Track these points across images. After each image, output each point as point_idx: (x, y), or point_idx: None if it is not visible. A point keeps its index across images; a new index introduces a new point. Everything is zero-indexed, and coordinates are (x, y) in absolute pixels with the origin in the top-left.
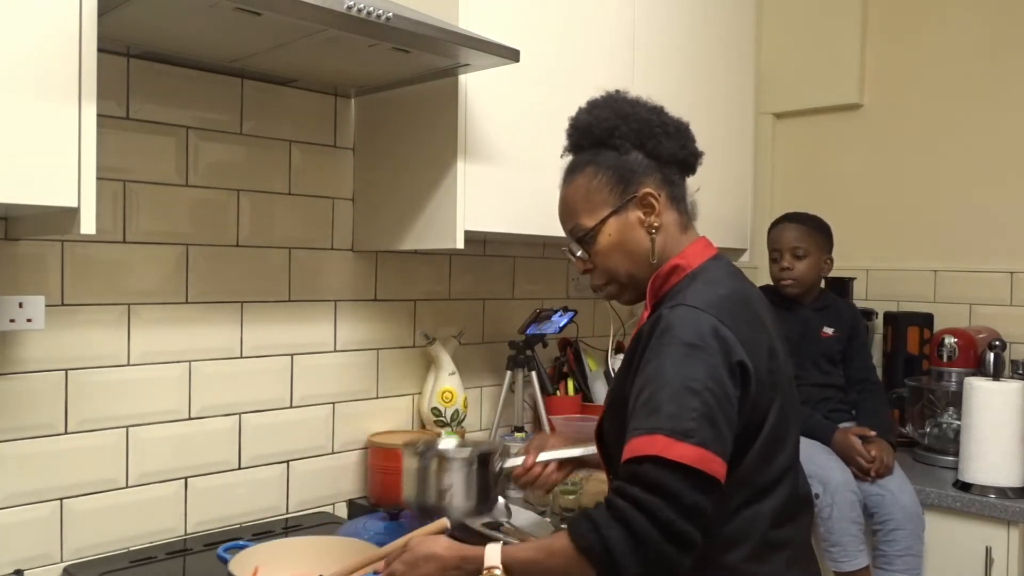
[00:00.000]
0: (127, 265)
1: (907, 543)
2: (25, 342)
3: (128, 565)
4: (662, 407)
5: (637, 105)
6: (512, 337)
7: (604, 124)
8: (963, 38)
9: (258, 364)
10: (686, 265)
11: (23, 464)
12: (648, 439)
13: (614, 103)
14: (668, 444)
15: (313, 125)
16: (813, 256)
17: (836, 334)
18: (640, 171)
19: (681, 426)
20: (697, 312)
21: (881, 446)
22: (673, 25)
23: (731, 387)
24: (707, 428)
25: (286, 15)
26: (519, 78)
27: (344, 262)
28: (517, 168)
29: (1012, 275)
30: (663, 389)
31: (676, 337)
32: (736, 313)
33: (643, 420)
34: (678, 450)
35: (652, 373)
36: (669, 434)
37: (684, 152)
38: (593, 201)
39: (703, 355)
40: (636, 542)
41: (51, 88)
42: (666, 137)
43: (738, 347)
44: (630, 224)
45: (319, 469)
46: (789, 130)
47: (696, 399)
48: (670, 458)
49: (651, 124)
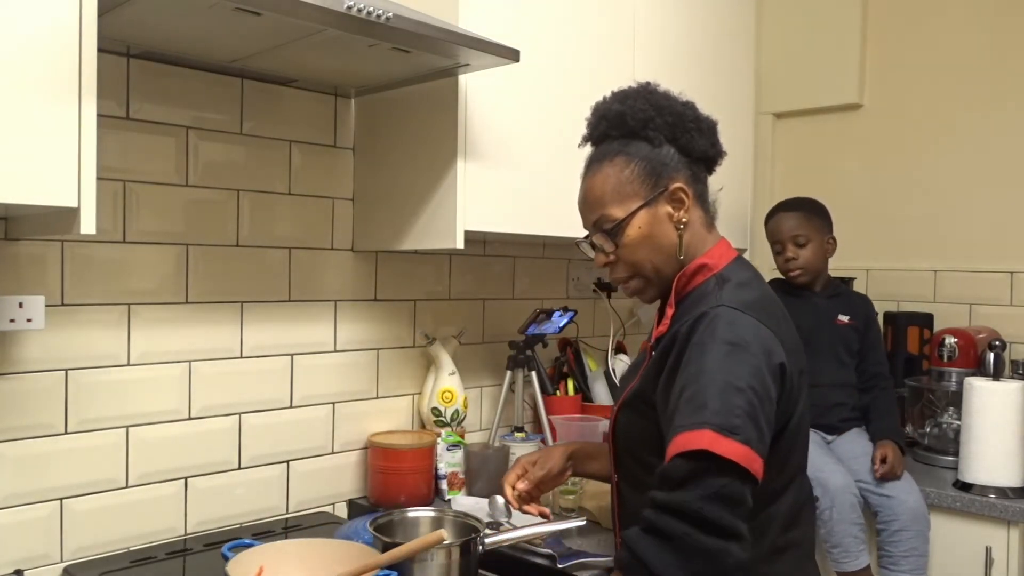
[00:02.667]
0: (127, 265)
1: (912, 544)
2: (25, 342)
3: (128, 565)
4: (708, 403)
5: (671, 99)
6: (512, 337)
7: (640, 115)
8: (963, 38)
9: (258, 364)
10: (713, 265)
11: (23, 464)
12: (695, 434)
13: (649, 95)
14: (715, 439)
15: (313, 125)
16: (815, 241)
17: (852, 322)
18: (672, 165)
19: (728, 422)
20: (738, 313)
21: (892, 450)
22: (673, 25)
23: (773, 388)
24: (751, 427)
25: (286, 15)
26: (519, 78)
27: (344, 262)
28: (517, 168)
29: (1012, 275)
30: (709, 386)
31: (719, 337)
32: (772, 314)
33: (688, 416)
34: (725, 446)
35: (695, 371)
36: (716, 429)
37: (713, 150)
38: (624, 192)
39: (746, 355)
40: (668, 543)
41: (51, 88)
42: (699, 133)
43: (779, 348)
44: (659, 218)
45: (319, 469)
46: (789, 130)
47: (741, 397)
48: (718, 453)
49: (685, 119)
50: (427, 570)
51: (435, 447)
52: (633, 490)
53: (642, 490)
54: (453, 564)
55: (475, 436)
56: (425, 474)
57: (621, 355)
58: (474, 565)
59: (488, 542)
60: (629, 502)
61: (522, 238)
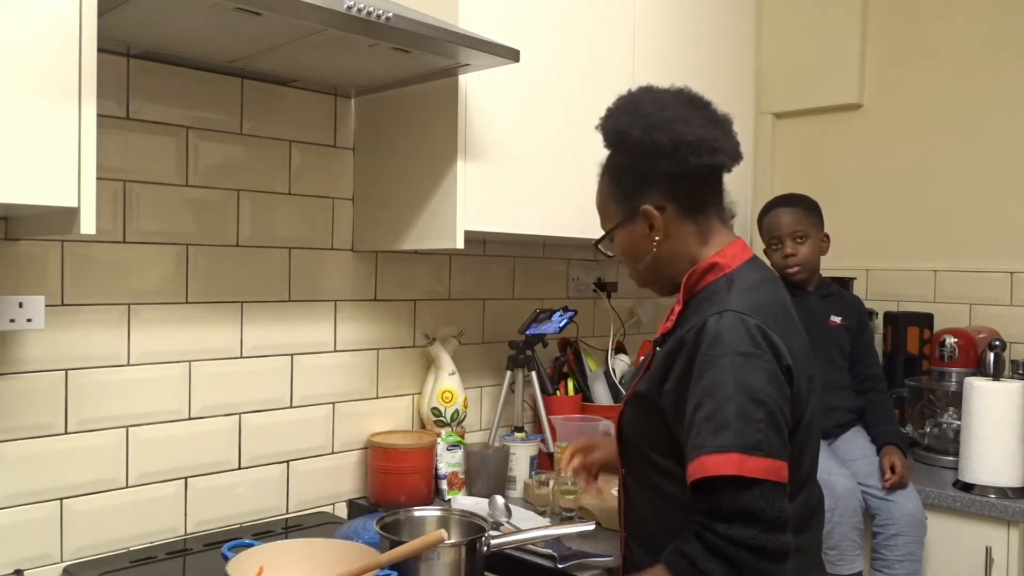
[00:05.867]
0: (127, 265)
1: (908, 548)
2: (25, 342)
3: (128, 565)
4: (731, 423)
5: (663, 107)
6: (512, 337)
7: (620, 128)
8: (963, 38)
9: (258, 364)
10: (724, 264)
11: (23, 464)
12: (722, 458)
13: (635, 105)
14: (742, 461)
15: (313, 125)
16: (812, 238)
17: (844, 323)
18: (648, 181)
19: (751, 440)
20: (743, 317)
21: (899, 459)
22: (673, 25)
23: (786, 389)
24: (774, 437)
25: (286, 15)
26: (519, 78)
27: (344, 262)
28: (517, 168)
29: (1012, 275)
30: (728, 403)
31: (729, 347)
32: (779, 318)
33: (710, 438)
34: (752, 465)
35: (711, 386)
36: (741, 450)
37: (687, 167)
38: (607, 209)
39: (759, 362)
40: (734, 571)
41: (51, 88)
42: (665, 158)
43: (785, 351)
44: (636, 235)
45: (319, 469)
46: (789, 130)
47: (761, 409)
48: (747, 476)
49: (657, 143)
50: (433, 569)
51: (435, 447)
52: (638, 485)
53: (647, 486)
54: (459, 563)
55: (475, 436)
56: (425, 474)
57: (621, 355)
58: (480, 564)
59: (494, 543)
60: (635, 497)
61: (522, 238)
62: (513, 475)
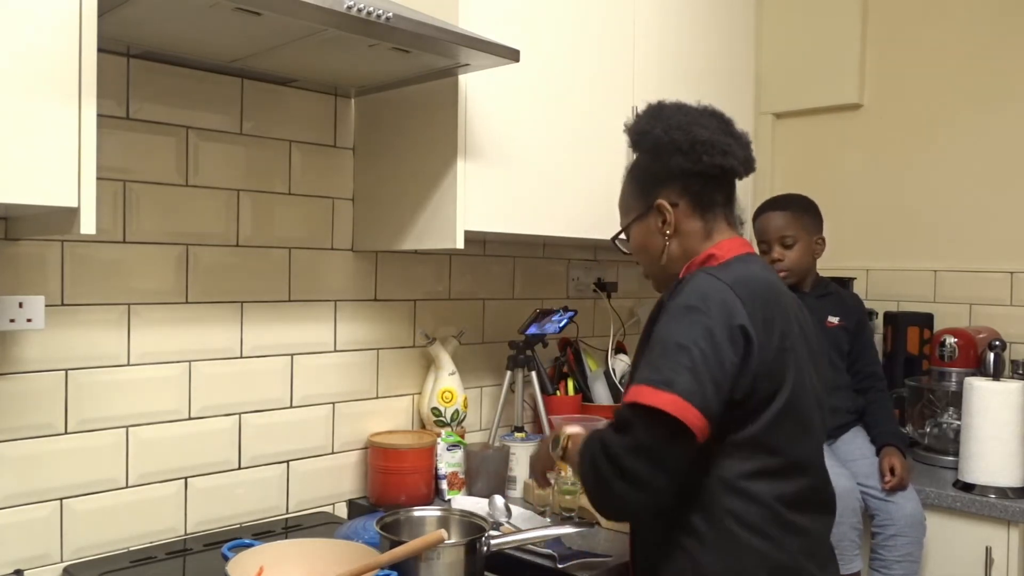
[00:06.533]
0: (127, 265)
1: (907, 549)
2: (25, 342)
3: (128, 565)
4: (653, 362)
5: (686, 113)
6: (512, 337)
7: (639, 127)
8: (963, 38)
9: (258, 364)
10: (720, 255)
11: (23, 464)
12: (635, 389)
13: (660, 110)
14: (647, 392)
15: (313, 125)
16: (803, 241)
17: (842, 324)
18: (664, 179)
19: (663, 376)
20: (711, 279)
21: (899, 460)
22: (673, 25)
23: (727, 350)
24: (689, 380)
25: (286, 15)
26: (519, 78)
27: (344, 262)
28: (517, 168)
29: (1012, 275)
30: (656, 347)
31: (680, 302)
32: (755, 291)
33: (637, 374)
34: (654, 397)
35: (656, 335)
36: (651, 383)
37: (700, 165)
38: (627, 205)
39: (699, 316)
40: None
41: (51, 88)
42: (680, 154)
43: (741, 313)
44: (650, 230)
45: (319, 469)
46: (789, 130)
47: (684, 355)
48: (642, 403)
49: (675, 140)
50: (433, 570)
51: (435, 447)
52: None
53: None
54: (459, 563)
55: (475, 436)
56: (425, 474)
57: (621, 355)
58: (480, 564)
59: (494, 543)
60: None
61: (522, 238)
62: (513, 475)
